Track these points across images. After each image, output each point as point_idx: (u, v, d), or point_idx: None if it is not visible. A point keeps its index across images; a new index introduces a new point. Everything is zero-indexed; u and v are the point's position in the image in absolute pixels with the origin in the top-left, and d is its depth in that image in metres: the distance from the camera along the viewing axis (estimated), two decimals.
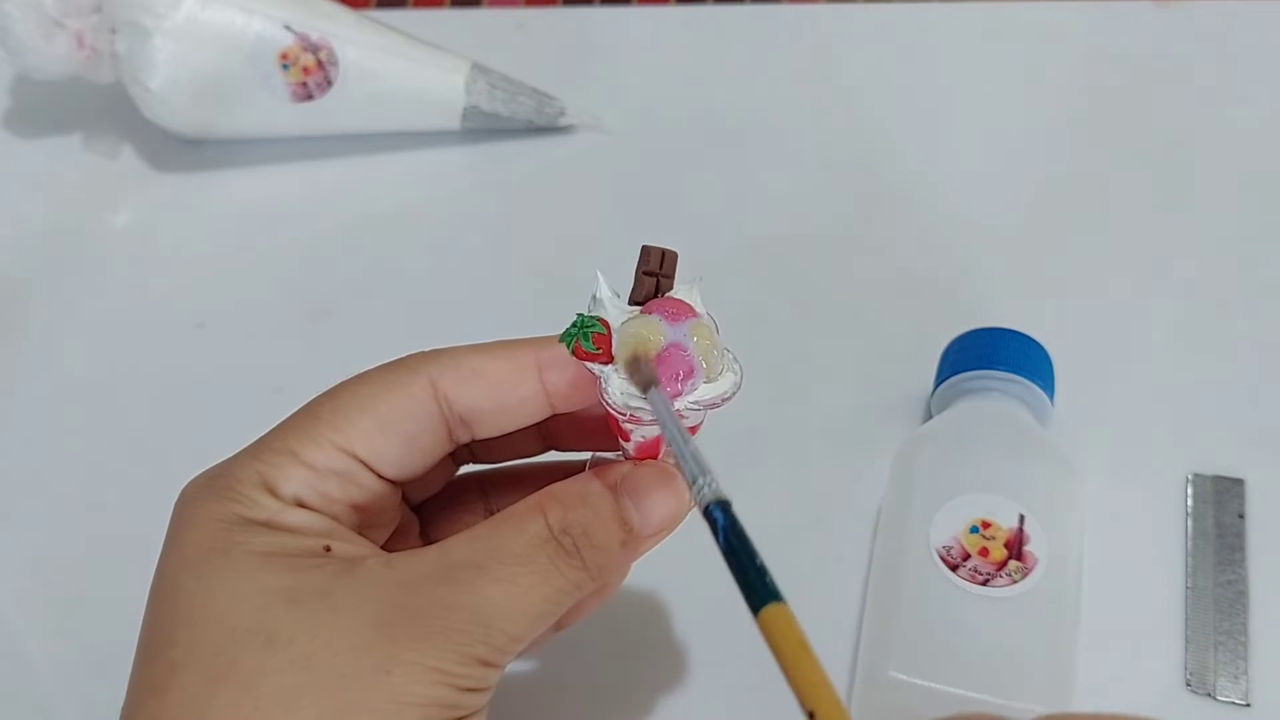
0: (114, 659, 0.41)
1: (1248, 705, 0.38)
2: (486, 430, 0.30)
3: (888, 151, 0.56)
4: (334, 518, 0.28)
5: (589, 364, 0.27)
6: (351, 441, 0.28)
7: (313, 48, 0.53)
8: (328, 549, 0.27)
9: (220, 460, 0.30)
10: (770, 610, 0.22)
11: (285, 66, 0.53)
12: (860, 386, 0.47)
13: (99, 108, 0.58)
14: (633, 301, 0.28)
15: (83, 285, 0.53)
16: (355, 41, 0.54)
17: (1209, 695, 0.38)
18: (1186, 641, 0.39)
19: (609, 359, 0.27)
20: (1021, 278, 0.51)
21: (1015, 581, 0.35)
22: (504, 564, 0.27)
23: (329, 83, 0.54)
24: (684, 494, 0.29)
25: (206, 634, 0.26)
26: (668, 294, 0.28)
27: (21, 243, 0.55)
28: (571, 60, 0.61)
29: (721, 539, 0.23)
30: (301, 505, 0.28)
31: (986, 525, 0.37)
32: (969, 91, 0.59)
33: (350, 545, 0.28)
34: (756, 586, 0.23)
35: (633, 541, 0.29)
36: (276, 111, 0.54)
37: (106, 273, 0.54)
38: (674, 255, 0.28)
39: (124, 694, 0.27)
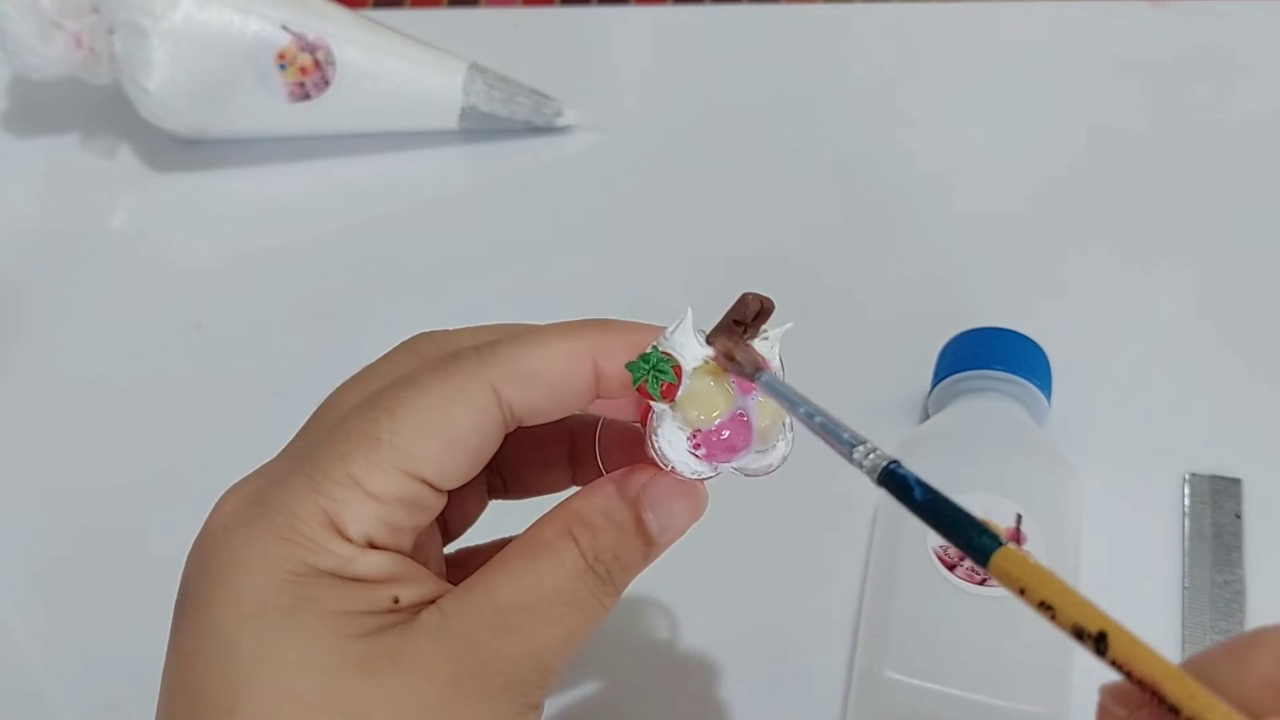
0: (112, 658, 0.41)
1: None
2: (533, 423, 0.28)
3: (886, 151, 0.56)
4: (399, 548, 0.27)
5: (648, 400, 0.27)
6: (420, 465, 0.26)
7: (310, 48, 0.53)
8: (396, 601, 0.26)
9: (230, 479, 0.28)
10: (1003, 554, 0.22)
11: (283, 66, 0.53)
12: (857, 386, 0.47)
13: (96, 108, 0.58)
14: (710, 341, 0.27)
15: (80, 285, 0.53)
16: (353, 41, 0.54)
17: None
18: (1183, 641, 0.39)
19: (670, 400, 0.27)
20: (1019, 278, 0.51)
21: None
22: (551, 604, 0.26)
23: (326, 83, 0.54)
24: (701, 502, 0.29)
25: (279, 707, 0.24)
26: (750, 341, 0.28)
27: (19, 243, 0.55)
28: (569, 60, 0.61)
29: (920, 495, 0.23)
30: (371, 545, 0.26)
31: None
32: (968, 91, 0.59)
33: (412, 588, 0.26)
34: (976, 537, 0.22)
35: (653, 553, 0.29)
36: (274, 111, 0.54)
37: (103, 273, 0.53)
38: (770, 309, 0.28)
39: (123, 693, 0.27)
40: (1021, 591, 0.21)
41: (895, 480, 0.23)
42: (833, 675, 0.39)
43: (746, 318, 0.27)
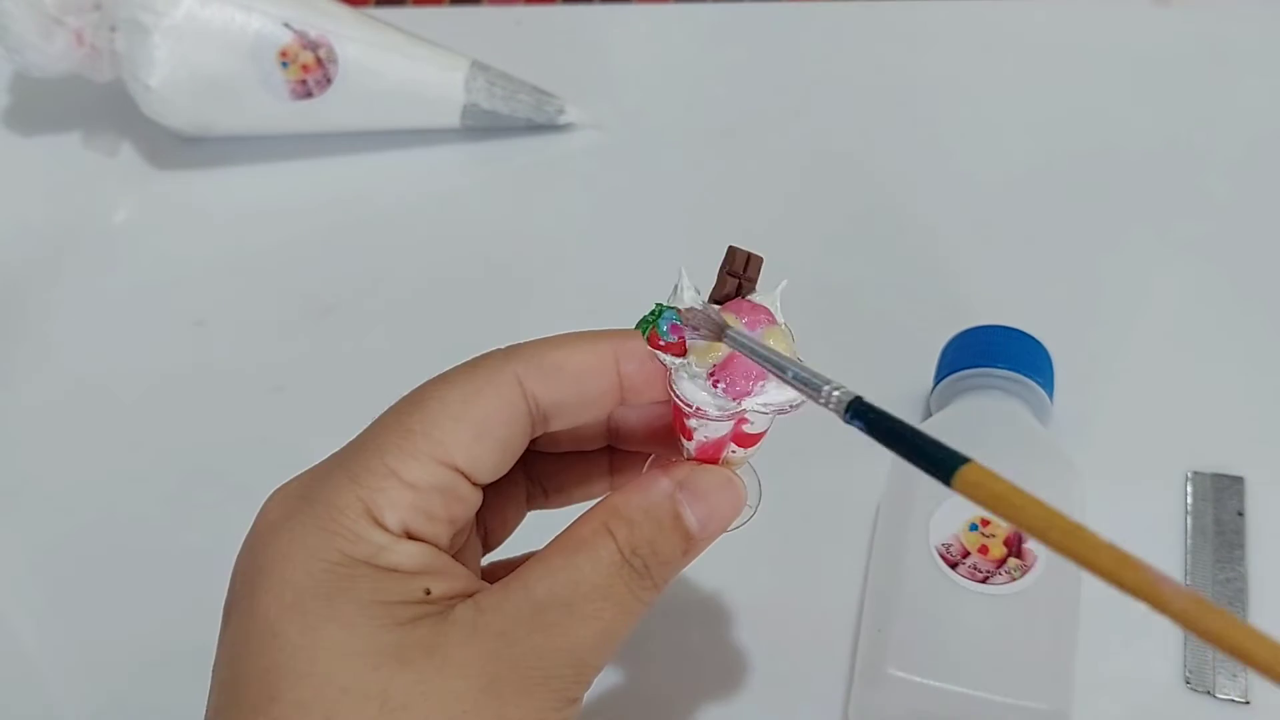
0: (113, 657, 0.41)
1: (1247, 703, 0.38)
2: (562, 424, 0.29)
3: (887, 150, 0.56)
4: (435, 540, 0.27)
5: (661, 355, 0.28)
6: (452, 453, 0.27)
7: (312, 45, 0.53)
8: (428, 592, 0.26)
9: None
10: (966, 471, 0.22)
11: (284, 64, 0.53)
12: (859, 384, 0.46)
13: (98, 105, 0.58)
14: (713, 300, 0.28)
15: (81, 282, 0.53)
16: (354, 39, 0.54)
17: (1208, 693, 0.38)
18: (1185, 639, 0.39)
19: (682, 351, 0.28)
20: (1021, 276, 0.51)
21: (1015, 579, 0.35)
22: (588, 599, 0.27)
23: (328, 80, 0.54)
24: (741, 496, 0.29)
25: (317, 694, 0.25)
26: (748, 296, 0.29)
27: (20, 240, 0.55)
28: (571, 58, 0.61)
29: (877, 431, 0.24)
30: (408, 534, 0.27)
31: (986, 523, 0.36)
32: (969, 90, 0.59)
33: (445, 582, 0.27)
34: (937, 457, 0.23)
35: (693, 548, 0.29)
36: (276, 109, 0.54)
37: (105, 270, 0.53)
38: (759, 260, 0.29)
39: (126, 690, 0.27)
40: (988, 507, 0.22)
41: (861, 411, 0.25)
42: (834, 672, 0.39)
43: (736, 269, 0.28)
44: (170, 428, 0.48)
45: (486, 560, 0.33)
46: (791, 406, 0.28)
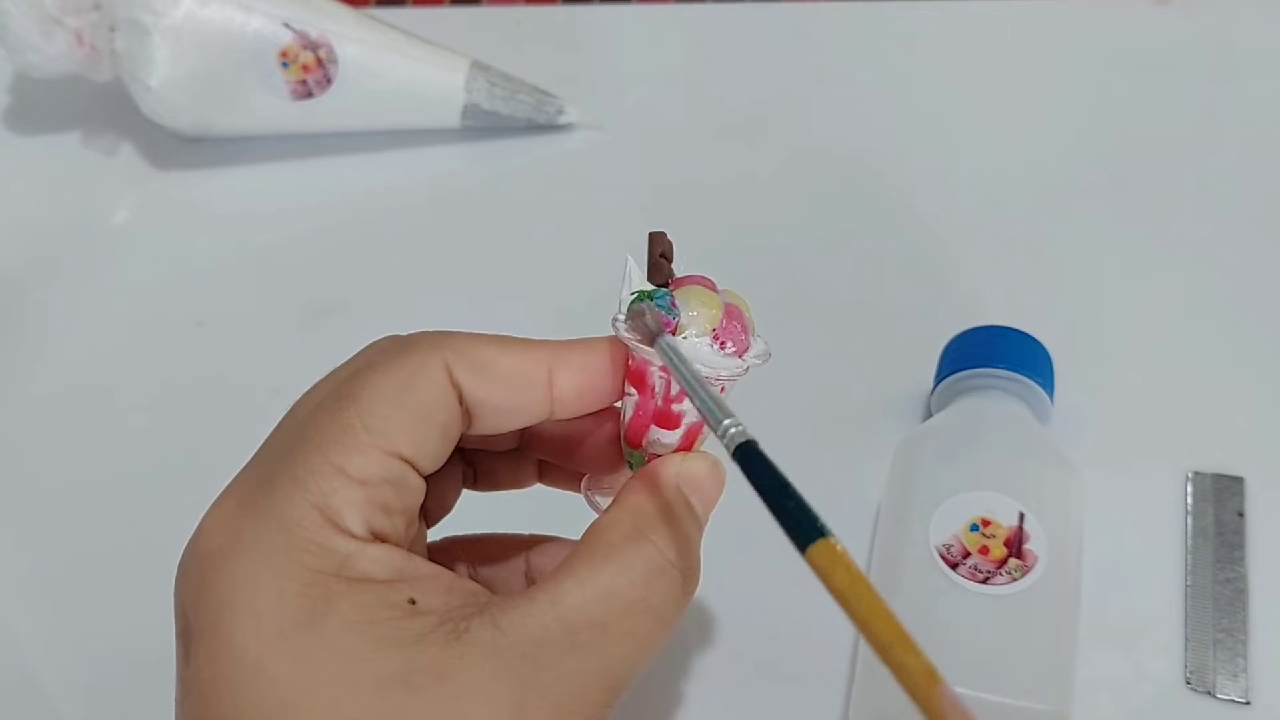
0: (114, 658, 0.41)
1: (1247, 703, 0.38)
2: (484, 427, 0.28)
3: (888, 150, 0.56)
4: (395, 535, 0.26)
5: (642, 348, 0.27)
6: (396, 443, 0.25)
7: (312, 45, 0.53)
8: (412, 602, 0.24)
9: (230, 478, 0.27)
10: (818, 547, 0.22)
11: (285, 64, 0.53)
12: (860, 384, 0.47)
13: (98, 105, 0.58)
14: (656, 283, 0.29)
15: (81, 283, 0.53)
16: (355, 39, 0.54)
17: (1209, 693, 0.38)
18: (1186, 639, 0.39)
19: (674, 329, 0.28)
20: (1021, 276, 0.51)
21: (1015, 579, 0.35)
22: (625, 615, 0.25)
23: (328, 80, 0.53)
24: (724, 475, 0.28)
25: None
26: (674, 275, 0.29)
27: (20, 240, 0.55)
28: (571, 58, 0.61)
29: (756, 478, 0.24)
30: (372, 533, 0.25)
31: (986, 523, 0.36)
32: (969, 90, 0.59)
33: (424, 588, 0.25)
34: (798, 523, 0.22)
35: (701, 533, 0.28)
36: (276, 109, 0.54)
37: (105, 270, 0.53)
38: (665, 236, 0.29)
39: (125, 692, 0.27)
40: (829, 585, 0.22)
41: (748, 457, 0.24)
42: (834, 672, 0.39)
43: (665, 249, 0.29)
44: (170, 428, 0.48)
45: (433, 536, 0.32)
46: (766, 359, 0.29)
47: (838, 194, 0.55)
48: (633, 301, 0.28)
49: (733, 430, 0.24)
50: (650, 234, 0.29)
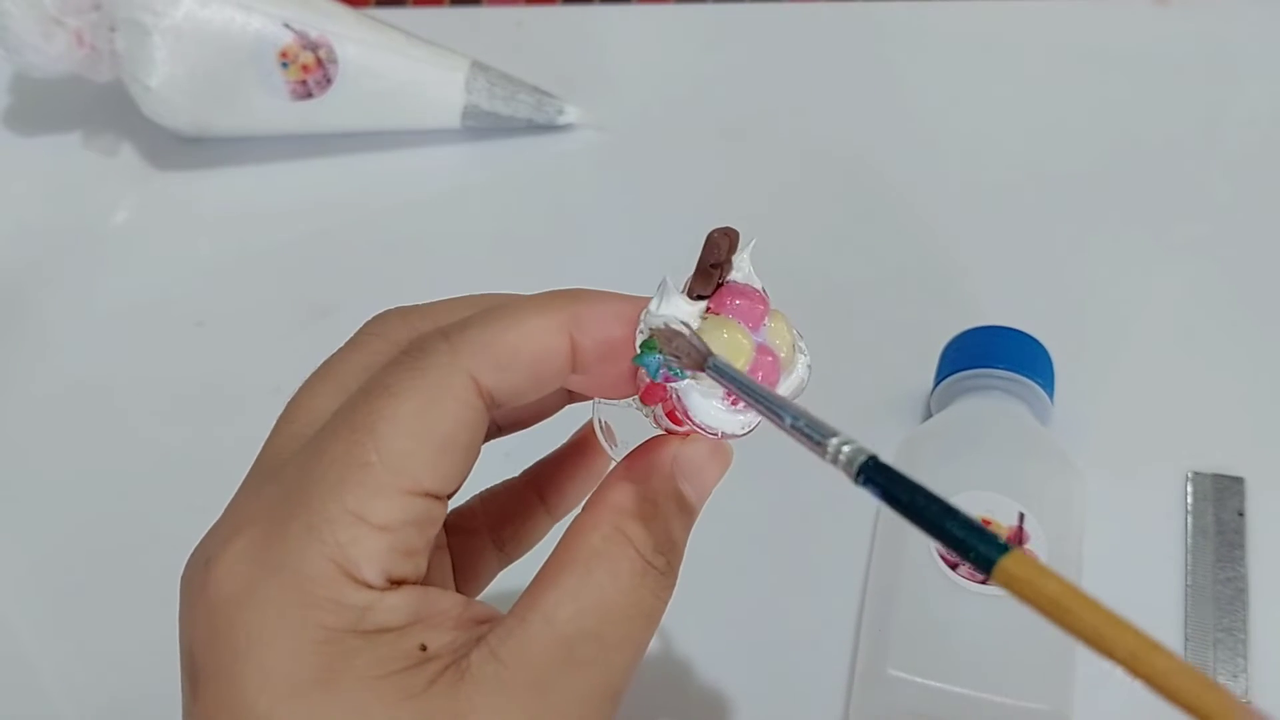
0: (114, 658, 0.41)
1: (1247, 703, 0.38)
2: (516, 403, 0.27)
3: (887, 150, 0.56)
4: (416, 574, 0.25)
5: (670, 384, 0.25)
6: (419, 479, 0.24)
7: (312, 46, 0.53)
8: (423, 648, 0.24)
9: (230, 478, 0.26)
10: (1012, 558, 0.19)
11: (285, 64, 0.53)
12: (860, 384, 0.47)
13: (98, 106, 0.58)
14: (695, 295, 0.26)
15: (81, 283, 0.53)
16: (355, 39, 0.54)
17: None
18: (1186, 639, 0.39)
19: (662, 397, 0.25)
20: (1021, 276, 0.51)
21: None
22: (619, 623, 0.25)
23: (328, 81, 0.54)
24: (729, 458, 0.27)
25: None
26: (727, 278, 0.26)
27: (20, 240, 0.55)
28: (571, 59, 0.61)
29: (896, 500, 0.20)
30: (389, 579, 0.24)
31: (987, 523, 0.36)
32: (969, 90, 0.59)
33: (438, 631, 0.24)
34: (978, 538, 0.19)
35: (692, 523, 0.27)
36: (276, 109, 0.54)
37: (105, 271, 0.53)
38: (737, 236, 0.26)
39: (126, 692, 0.27)
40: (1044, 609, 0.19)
41: (876, 477, 0.20)
42: (835, 673, 0.39)
43: (720, 258, 0.25)
44: (170, 429, 0.48)
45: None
46: (800, 393, 0.26)
47: (838, 194, 0.55)
48: (643, 344, 0.25)
49: (846, 449, 0.22)
50: (711, 234, 0.25)
